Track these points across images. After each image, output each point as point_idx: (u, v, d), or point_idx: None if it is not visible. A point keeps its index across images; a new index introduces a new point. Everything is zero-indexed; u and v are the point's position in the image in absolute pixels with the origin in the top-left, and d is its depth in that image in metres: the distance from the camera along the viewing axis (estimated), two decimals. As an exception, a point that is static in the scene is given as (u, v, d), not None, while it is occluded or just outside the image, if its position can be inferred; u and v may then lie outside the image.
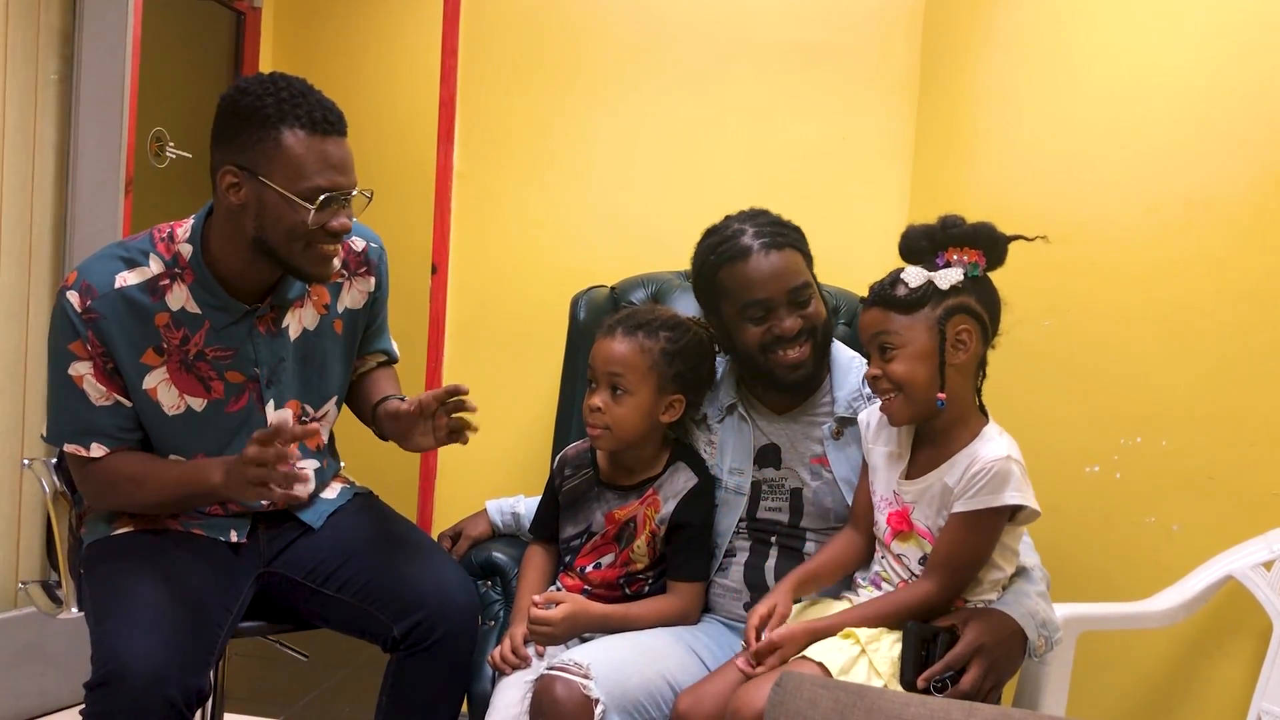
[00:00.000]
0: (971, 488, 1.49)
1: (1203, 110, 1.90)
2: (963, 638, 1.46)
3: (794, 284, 1.71)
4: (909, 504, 1.58)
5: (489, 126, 2.58)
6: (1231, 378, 1.86)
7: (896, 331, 1.52)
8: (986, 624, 1.49)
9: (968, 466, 1.51)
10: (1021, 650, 1.52)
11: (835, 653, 1.48)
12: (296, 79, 1.60)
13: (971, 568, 1.53)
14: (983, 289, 1.55)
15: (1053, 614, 1.59)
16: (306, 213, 1.57)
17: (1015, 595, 1.57)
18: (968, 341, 1.52)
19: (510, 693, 1.62)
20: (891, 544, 1.60)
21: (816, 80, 2.44)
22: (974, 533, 1.51)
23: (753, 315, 1.72)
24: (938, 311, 1.51)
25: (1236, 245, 1.86)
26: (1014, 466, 1.49)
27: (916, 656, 1.46)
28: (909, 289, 1.52)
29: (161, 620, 1.52)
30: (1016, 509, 1.52)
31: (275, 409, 1.75)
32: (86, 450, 1.65)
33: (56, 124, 2.60)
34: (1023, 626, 1.52)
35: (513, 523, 2.00)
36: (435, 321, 2.61)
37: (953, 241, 1.52)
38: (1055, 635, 1.58)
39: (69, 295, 1.61)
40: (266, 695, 2.83)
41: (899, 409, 1.54)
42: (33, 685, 2.54)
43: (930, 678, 1.44)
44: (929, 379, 1.51)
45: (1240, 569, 1.80)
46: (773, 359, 1.73)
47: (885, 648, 1.49)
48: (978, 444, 1.53)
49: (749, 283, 1.71)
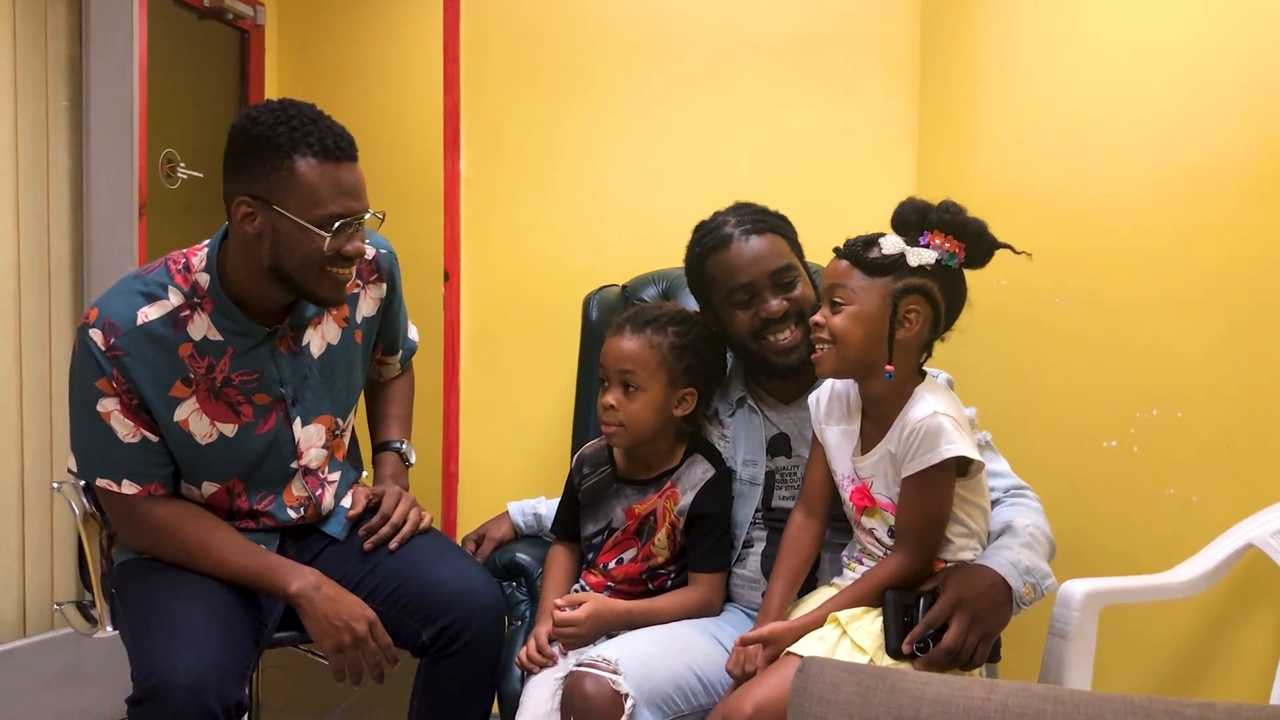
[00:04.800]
0: (909, 450, 1.50)
1: (1203, 82, 1.90)
2: (941, 595, 1.46)
3: (775, 266, 1.74)
4: (867, 479, 1.60)
5: (494, 132, 2.60)
6: (1244, 346, 1.87)
7: (852, 289, 1.54)
8: (963, 579, 1.49)
9: (902, 431, 1.53)
10: (1007, 600, 1.51)
11: (815, 643, 1.50)
12: (306, 105, 1.61)
13: (935, 529, 1.54)
14: (950, 280, 1.55)
15: (1040, 562, 1.58)
16: (322, 240, 1.59)
17: (995, 549, 1.57)
18: (914, 322, 1.53)
19: (540, 691, 1.64)
20: (861, 520, 1.62)
21: (818, 70, 2.45)
22: (925, 494, 1.52)
23: (739, 300, 1.75)
24: (897, 285, 1.52)
25: (1243, 214, 1.86)
26: (942, 420, 1.50)
27: (899, 623, 1.47)
28: (881, 254, 1.53)
29: (198, 635, 1.54)
30: (965, 463, 1.53)
31: (303, 426, 1.78)
32: (118, 486, 1.67)
33: (69, 150, 2.64)
34: (1004, 576, 1.51)
35: (535, 524, 2.02)
36: (450, 328, 2.63)
37: (941, 226, 1.52)
38: (1045, 583, 1.56)
39: (92, 334, 1.61)
40: (301, 705, 2.86)
41: (825, 359, 1.56)
42: (72, 705, 2.59)
43: (913, 640, 1.45)
44: (863, 341, 1.52)
45: (1261, 536, 1.80)
46: (765, 345, 1.75)
47: (866, 624, 1.51)
48: (908, 407, 1.54)
49: (731, 268, 1.74)
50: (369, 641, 1.65)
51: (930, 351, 1.61)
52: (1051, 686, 1.16)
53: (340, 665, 1.66)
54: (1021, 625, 2.06)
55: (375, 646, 1.66)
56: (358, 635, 1.64)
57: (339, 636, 1.63)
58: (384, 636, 1.67)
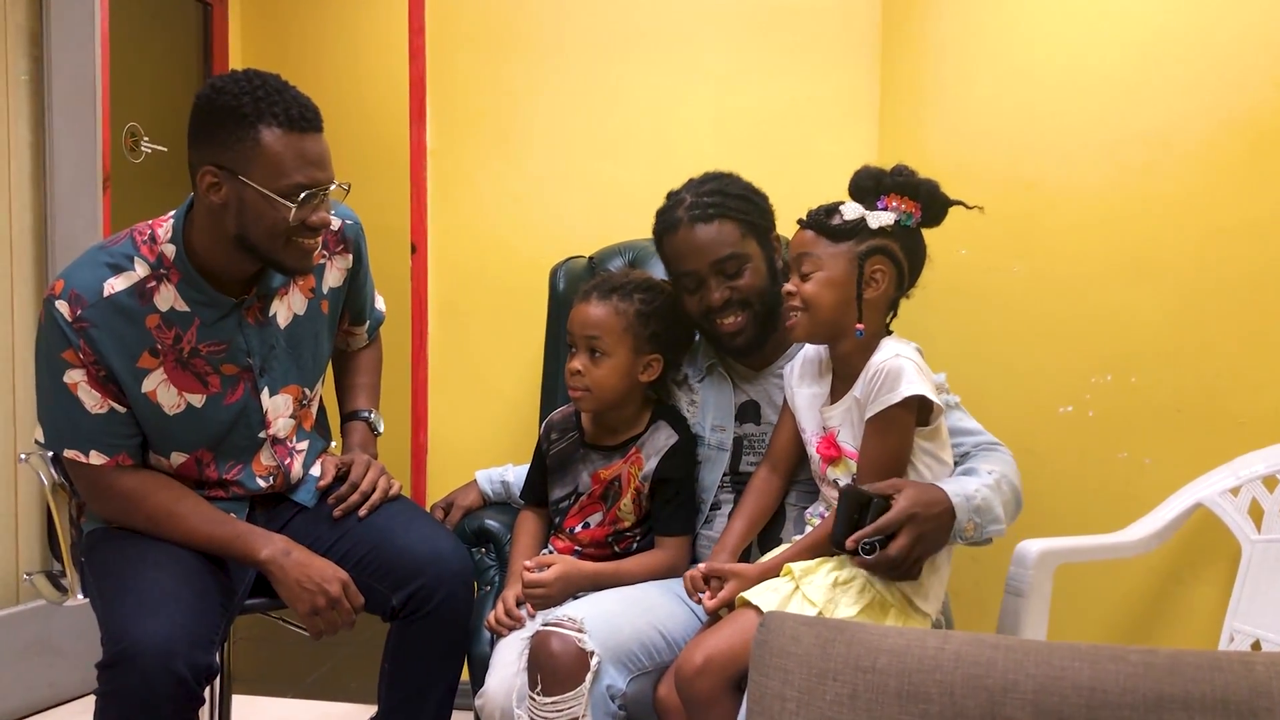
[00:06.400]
0: (872, 392, 1.55)
1: (1157, 52, 1.94)
2: (895, 505, 1.49)
3: (718, 256, 1.75)
4: (834, 429, 1.64)
5: (459, 103, 2.60)
6: (1196, 313, 1.92)
7: (819, 256, 1.60)
8: (920, 495, 1.51)
9: (866, 374, 1.58)
10: (949, 528, 1.54)
11: (769, 593, 1.54)
12: (271, 76, 1.61)
13: (895, 470, 1.57)
14: (910, 239, 1.62)
15: (996, 508, 1.59)
16: (288, 210, 1.59)
17: (957, 480, 1.60)
18: (880, 281, 1.60)
19: (509, 651, 1.67)
20: (826, 473, 1.66)
21: (779, 42, 2.46)
22: (885, 435, 1.56)
23: (686, 285, 1.79)
24: (861, 248, 1.59)
25: (1195, 183, 1.91)
26: (904, 363, 1.55)
27: (849, 519, 1.50)
28: (843, 220, 1.60)
29: (167, 600, 1.55)
30: (923, 410, 1.57)
31: (270, 396, 1.79)
32: (86, 457, 1.67)
33: (30, 124, 2.62)
34: (954, 505, 1.53)
35: (503, 491, 2.04)
36: (418, 300, 2.64)
37: (896, 189, 1.59)
38: (992, 527, 1.58)
39: (58, 305, 1.61)
40: (273, 675, 2.88)
41: (801, 324, 1.62)
42: (42, 677, 2.59)
43: (859, 539, 1.48)
44: (834, 304, 1.59)
45: (1209, 496, 1.86)
46: (714, 326, 1.78)
47: (820, 578, 1.55)
48: (874, 356, 1.59)
49: (677, 254, 1.78)
50: (344, 602, 1.67)
51: (896, 311, 1.66)
52: (1003, 636, 1.20)
53: (316, 628, 1.68)
54: (978, 584, 2.12)
55: (349, 606, 1.68)
56: (332, 597, 1.66)
57: (313, 600, 1.66)
58: (358, 597, 1.70)
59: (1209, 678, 1.05)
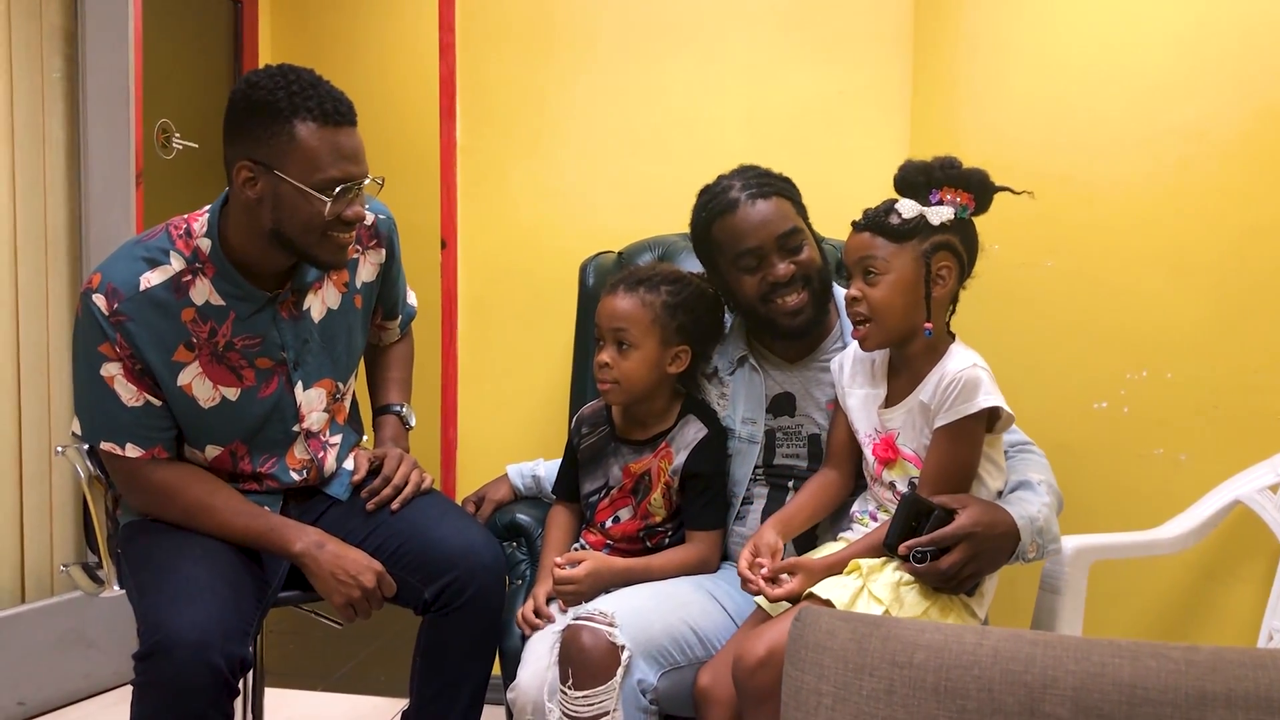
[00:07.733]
0: (946, 400, 1.53)
1: (1193, 44, 1.92)
2: (956, 519, 1.48)
3: (783, 230, 1.75)
4: (893, 430, 1.62)
5: (489, 100, 2.61)
6: (1232, 306, 1.89)
7: (883, 258, 1.56)
8: (983, 515, 1.50)
9: (938, 382, 1.56)
10: (1010, 550, 1.53)
11: (840, 589, 1.52)
12: (305, 70, 1.62)
13: (960, 480, 1.56)
14: (967, 231, 1.60)
15: (1055, 527, 1.60)
16: (323, 204, 1.60)
17: (1018, 500, 1.59)
18: (946, 277, 1.58)
19: (540, 645, 1.67)
20: (881, 475, 1.64)
21: (811, 36, 2.45)
22: (958, 444, 1.55)
23: (746, 265, 1.76)
24: (925, 245, 1.56)
25: (1230, 176, 1.89)
26: (980, 373, 1.54)
27: (906, 524, 1.49)
28: (902, 219, 1.56)
29: (203, 592, 1.56)
30: (993, 418, 1.56)
31: (304, 390, 1.80)
32: (121, 449, 1.69)
33: (64, 122, 2.64)
34: (1019, 527, 1.53)
35: (534, 485, 2.05)
36: (448, 296, 2.64)
37: (948, 181, 1.57)
38: (1051, 546, 1.59)
39: (95, 299, 1.63)
40: (304, 668, 2.90)
41: (870, 334, 1.59)
42: (77, 668, 2.62)
43: (913, 547, 1.47)
44: (904, 308, 1.56)
45: (1248, 493, 1.84)
46: (772, 308, 1.77)
47: (886, 575, 1.53)
48: (944, 361, 1.58)
49: (739, 233, 1.75)
50: (378, 592, 1.69)
51: (956, 305, 1.64)
52: (1041, 633, 1.19)
53: (351, 617, 1.70)
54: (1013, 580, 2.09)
55: (382, 597, 1.70)
56: (367, 589, 1.68)
57: (348, 592, 1.67)
58: (391, 587, 1.71)
59: (1252, 675, 1.04)
